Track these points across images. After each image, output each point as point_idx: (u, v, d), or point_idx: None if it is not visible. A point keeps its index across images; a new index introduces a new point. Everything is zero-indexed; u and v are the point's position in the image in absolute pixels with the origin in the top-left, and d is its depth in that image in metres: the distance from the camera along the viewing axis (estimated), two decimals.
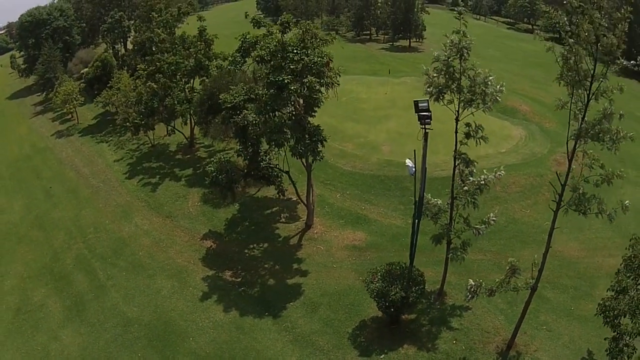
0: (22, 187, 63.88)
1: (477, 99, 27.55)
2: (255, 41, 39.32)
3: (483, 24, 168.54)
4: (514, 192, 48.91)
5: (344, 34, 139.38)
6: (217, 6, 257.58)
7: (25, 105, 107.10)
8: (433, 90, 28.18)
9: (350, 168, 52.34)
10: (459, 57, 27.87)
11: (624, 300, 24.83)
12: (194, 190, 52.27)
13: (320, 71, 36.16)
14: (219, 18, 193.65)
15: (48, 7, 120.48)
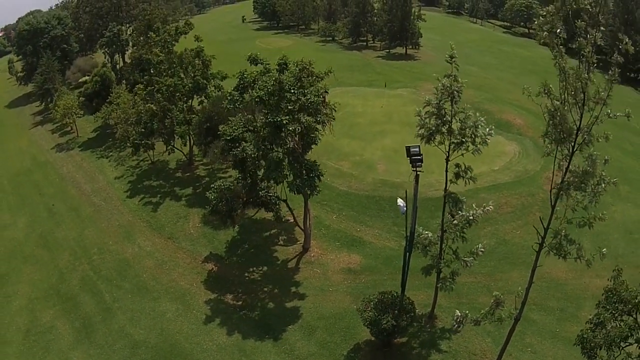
0: (25, 203, 65.96)
1: (467, 142, 29.56)
2: (253, 80, 41.06)
3: (480, 28, 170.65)
4: (505, 212, 51.12)
5: (341, 40, 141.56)
6: (214, 9, 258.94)
7: (25, 115, 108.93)
8: (424, 132, 30.20)
9: (346, 188, 54.58)
10: (450, 100, 29.80)
11: (601, 333, 26.88)
12: (194, 210, 54.47)
13: (316, 109, 38.02)
14: (216, 22, 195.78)
15: (46, 16, 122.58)
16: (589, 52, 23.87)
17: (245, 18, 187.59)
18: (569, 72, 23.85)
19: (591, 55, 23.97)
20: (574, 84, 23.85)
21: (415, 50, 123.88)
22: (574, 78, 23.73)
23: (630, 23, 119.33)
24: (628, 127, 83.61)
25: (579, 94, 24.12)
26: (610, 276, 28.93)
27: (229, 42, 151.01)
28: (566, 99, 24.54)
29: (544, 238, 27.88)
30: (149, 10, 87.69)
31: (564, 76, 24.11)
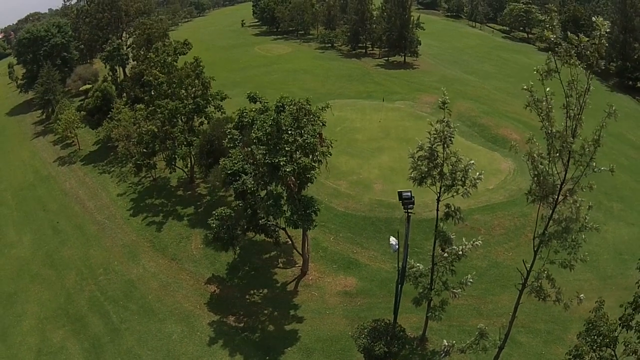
0: (30, 220, 68.55)
1: (457, 184, 32.09)
2: (252, 121, 43.38)
3: (478, 33, 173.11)
4: (498, 234, 53.83)
5: (340, 46, 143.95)
6: (213, 11, 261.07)
7: (26, 124, 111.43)
8: (416, 175, 32.69)
9: (343, 209, 57.28)
10: (442, 145, 32.23)
11: None
12: (196, 231, 57.20)
13: (313, 149, 40.48)
14: (215, 26, 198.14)
15: (46, 24, 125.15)
16: (576, 113, 25.95)
17: (244, 22, 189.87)
18: (555, 135, 26.04)
19: (579, 114, 26.03)
20: (559, 146, 25.98)
21: (414, 58, 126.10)
22: (560, 142, 25.90)
23: (629, 30, 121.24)
24: (625, 139, 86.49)
25: (564, 154, 26.33)
26: (592, 308, 31.23)
27: (229, 48, 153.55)
28: (552, 157, 26.78)
29: (526, 279, 30.54)
30: (148, 24, 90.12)
31: (550, 140, 26.29)
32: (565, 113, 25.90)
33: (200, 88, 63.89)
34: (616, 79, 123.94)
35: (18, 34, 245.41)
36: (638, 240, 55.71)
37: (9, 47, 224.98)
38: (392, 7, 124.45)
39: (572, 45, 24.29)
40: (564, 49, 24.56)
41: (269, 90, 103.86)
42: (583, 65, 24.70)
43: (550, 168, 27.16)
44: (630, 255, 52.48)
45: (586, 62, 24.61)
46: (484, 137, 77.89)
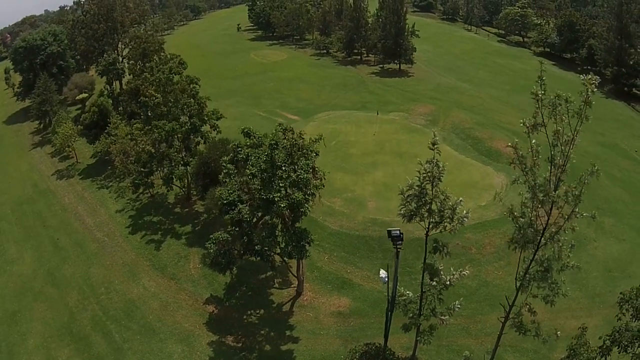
0: (30, 236, 70.71)
1: (445, 221, 34.25)
2: (246, 157, 45.36)
3: (474, 37, 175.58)
4: (488, 253, 56.04)
5: (335, 52, 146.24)
6: (209, 14, 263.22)
7: (23, 134, 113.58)
8: (405, 213, 34.84)
9: (338, 227, 59.65)
10: (431, 183, 34.31)
11: None
12: (194, 250, 59.55)
13: (306, 184, 42.58)
14: (211, 30, 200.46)
15: (41, 32, 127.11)
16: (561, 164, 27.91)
17: (240, 27, 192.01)
18: (538, 188, 28.18)
19: (564, 165, 27.95)
20: (542, 197, 28.17)
21: (409, 66, 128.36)
22: (542, 194, 28.10)
23: (625, 36, 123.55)
24: (618, 149, 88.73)
25: (546, 205, 28.54)
26: (575, 335, 33.28)
27: (225, 54, 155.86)
28: (534, 206, 28.96)
29: (508, 313, 32.89)
30: (144, 38, 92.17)
31: (533, 193, 28.40)
32: (549, 165, 27.90)
33: (195, 108, 65.75)
34: (612, 85, 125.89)
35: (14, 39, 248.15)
36: (628, 256, 57.83)
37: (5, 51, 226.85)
38: (387, 15, 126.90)
39: (561, 101, 25.97)
40: (552, 103, 26.28)
41: (265, 100, 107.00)
42: (571, 117, 26.34)
43: (533, 216, 29.12)
44: (619, 272, 54.87)
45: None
46: (478, 150, 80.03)
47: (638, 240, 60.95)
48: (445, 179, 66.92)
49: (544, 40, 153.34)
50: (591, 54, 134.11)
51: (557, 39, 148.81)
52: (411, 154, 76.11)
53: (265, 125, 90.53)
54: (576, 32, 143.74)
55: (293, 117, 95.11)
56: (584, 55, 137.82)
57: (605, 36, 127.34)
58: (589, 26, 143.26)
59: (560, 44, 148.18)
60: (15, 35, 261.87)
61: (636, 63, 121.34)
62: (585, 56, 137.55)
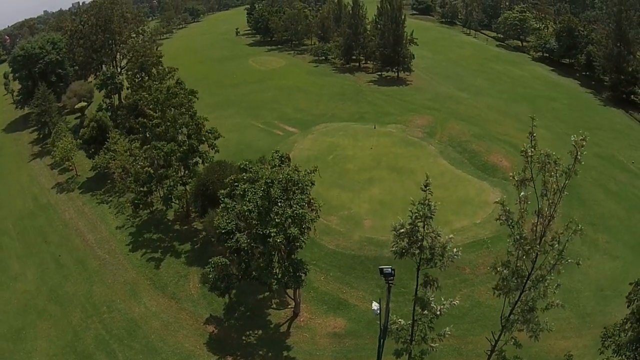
0: (32, 252, 72.92)
1: (436, 258, 36.36)
2: (243, 193, 47.06)
3: (473, 41, 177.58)
4: (482, 273, 57.87)
5: (334, 59, 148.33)
6: (208, 16, 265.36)
7: (23, 143, 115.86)
8: (397, 250, 36.96)
9: (334, 247, 61.97)
10: (423, 222, 36.38)
11: None
12: (194, 269, 61.84)
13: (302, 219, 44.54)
14: (210, 34, 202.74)
15: (40, 40, 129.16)
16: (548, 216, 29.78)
17: (238, 31, 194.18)
18: (523, 242, 30.34)
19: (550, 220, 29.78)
20: (527, 249, 30.34)
21: (407, 74, 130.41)
22: (527, 247, 30.27)
23: (624, 43, 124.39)
24: (615, 161, 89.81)
25: (531, 256, 30.69)
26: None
27: (223, 60, 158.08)
28: (519, 256, 31.11)
29: (494, 347, 35.09)
30: (141, 52, 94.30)
31: (519, 244, 30.54)
32: (537, 216, 29.73)
33: (193, 127, 67.75)
34: (610, 92, 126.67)
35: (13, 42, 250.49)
36: (621, 274, 59.08)
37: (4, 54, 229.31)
38: (386, 23, 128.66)
39: (550, 160, 28.01)
40: (542, 161, 28.33)
41: (263, 111, 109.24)
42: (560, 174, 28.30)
43: (519, 265, 31.21)
44: (611, 291, 56.53)
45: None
46: (474, 164, 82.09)
47: (631, 257, 62.69)
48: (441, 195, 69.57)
49: (543, 45, 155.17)
50: (590, 60, 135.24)
51: (555, 45, 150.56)
52: (408, 170, 78.52)
53: (263, 138, 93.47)
54: (575, 38, 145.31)
55: (291, 129, 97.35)
56: (583, 61, 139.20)
57: (604, 43, 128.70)
58: (588, 32, 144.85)
59: (559, 49, 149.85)
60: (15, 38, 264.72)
61: (635, 70, 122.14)
62: (584, 63, 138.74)
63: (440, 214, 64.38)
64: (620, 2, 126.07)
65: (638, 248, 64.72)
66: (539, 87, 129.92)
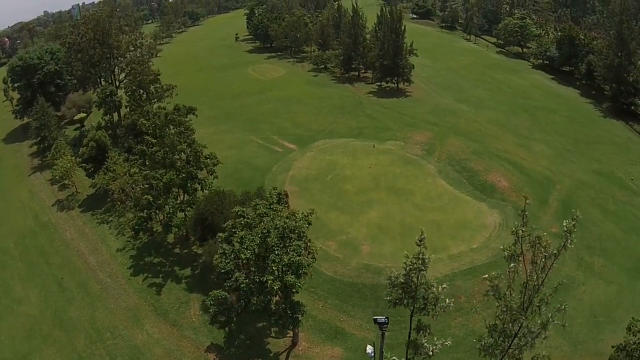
0: (34, 274, 75.21)
1: (428, 307, 38.69)
2: (241, 240, 49.27)
3: (473, 48, 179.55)
4: (477, 301, 59.59)
5: (333, 68, 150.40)
6: (208, 19, 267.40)
7: (22, 156, 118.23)
8: (392, 299, 39.29)
9: (332, 273, 64.22)
10: (417, 275, 38.68)
11: None
12: (194, 296, 64.13)
13: (299, 267, 46.71)
14: (210, 39, 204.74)
15: (38, 51, 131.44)
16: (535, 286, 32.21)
17: (238, 37, 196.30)
18: (509, 312, 32.65)
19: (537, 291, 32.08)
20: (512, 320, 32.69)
21: (407, 84, 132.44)
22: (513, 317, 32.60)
23: (625, 54, 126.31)
24: (614, 178, 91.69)
25: (515, 326, 32.99)
26: None
27: (222, 68, 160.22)
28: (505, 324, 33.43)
29: None
30: (139, 69, 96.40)
31: (506, 313, 32.89)
32: (524, 287, 31.81)
33: (192, 155, 69.84)
34: (610, 103, 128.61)
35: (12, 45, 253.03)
36: (615, 300, 61.57)
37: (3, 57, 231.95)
38: (386, 34, 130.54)
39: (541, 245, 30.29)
40: (532, 241, 30.64)
41: (262, 125, 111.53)
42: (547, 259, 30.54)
43: (505, 328, 33.55)
44: (605, 317, 58.72)
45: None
46: (473, 184, 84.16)
47: (626, 282, 64.78)
48: (439, 219, 72.25)
49: (543, 53, 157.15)
50: (590, 70, 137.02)
51: (556, 53, 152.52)
52: (406, 191, 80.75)
53: (262, 155, 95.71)
54: (576, 47, 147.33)
55: (290, 146, 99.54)
56: (583, 71, 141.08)
57: (605, 53, 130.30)
58: (589, 41, 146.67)
59: (559, 58, 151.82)
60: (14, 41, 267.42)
61: (635, 81, 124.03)
62: (585, 72, 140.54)
63: (438, 239, 67.86)
64: (621, 12, 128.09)
65: (634, 271, 66.72)
66: (539, 98, 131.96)
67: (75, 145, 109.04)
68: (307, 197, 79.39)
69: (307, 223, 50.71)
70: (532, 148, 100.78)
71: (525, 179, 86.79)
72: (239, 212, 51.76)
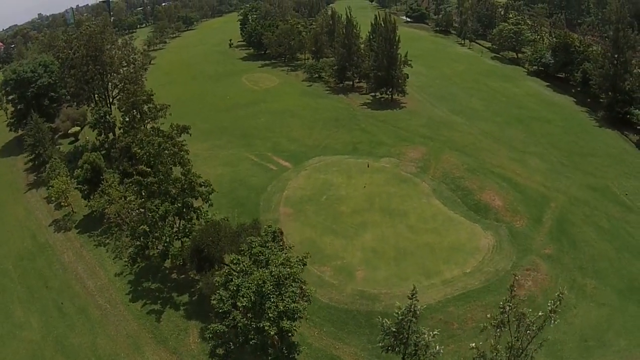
0: (34, 298, 77.45)
1: (419, 353, 41.57)
2: (237, 288, 51.49)
3: (468, 53, 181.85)
4: (469, 328, 61.90)
5: (327, 78, 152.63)
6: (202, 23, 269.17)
7: (18, 170, 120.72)
8: (384, 345, 42.17)
9: (327, 300, 66.71)
10: (408, 326, 41.59)
11: None
12: (193, 323, 66.50)
13: (294, 313, 49.17)
14: (204, 45, 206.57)
15: (32, 64, 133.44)
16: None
17: (232, 43, 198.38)
18: None
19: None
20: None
21: (401, 95, 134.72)
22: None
23: (620, 63, 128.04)
24: (608, 194, 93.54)
25: None
26: None
27: (216, 77, 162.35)
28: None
29: None
30: (132, 90, 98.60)
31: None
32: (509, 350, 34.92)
33: (187, 184, 72.16)
34: (605, 112, 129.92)
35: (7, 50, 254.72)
36: (606, 323, 63.43)
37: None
38: (380, 45, 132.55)
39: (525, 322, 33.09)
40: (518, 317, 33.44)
41: (256, 140, 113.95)
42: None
43: None
44: (595, 341, 60.77)
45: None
46: (467, 203, 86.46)
47: (618, 303, 66.64)
48: (433, 241, 74.97)
49: (538, 59, 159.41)
50: (586, 78, 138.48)
51: (551, 60, 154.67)
52: (400, 212, 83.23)
53: (257, 174, 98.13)
54: (571, 54, 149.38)
55: (284, 164, 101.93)
56: (579, 79, 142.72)
57: (601, 62, 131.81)
58: (584, 48, 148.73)
59: (554, 64, 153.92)
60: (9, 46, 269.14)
61: (631, 89, 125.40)
62: (580, 80, 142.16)
63: (432, 264, 70.66)
64: (617, 20, 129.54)
65: (626, 292, 68.73)
66: (534, 107, 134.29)
67: (70, 161, 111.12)
68: (302, 220, 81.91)
69: (302, 264, 53.04)
70: (526, 162, 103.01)
71: (520, 197, 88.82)
72: (234, 259, 54.11)
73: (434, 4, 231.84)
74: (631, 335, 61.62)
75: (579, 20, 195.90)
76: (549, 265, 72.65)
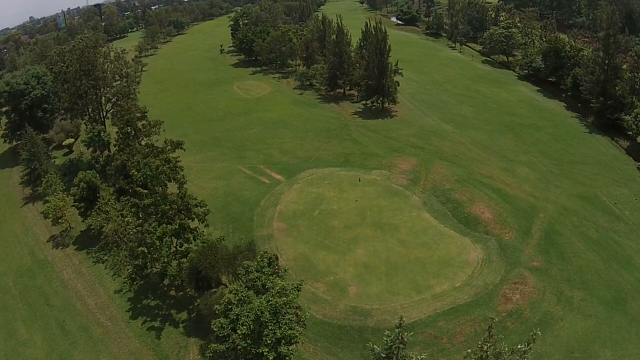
0: (37, 316, 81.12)
1: None
2: (236, 317, 55.25)
3: (458, 57, 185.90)
4: (458, 342, 65.98)
5: (319, 85, 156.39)
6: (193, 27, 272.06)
7: (13, 183, 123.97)
8: None
9: (321, 316, 70.86)
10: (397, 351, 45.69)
11: None
12: (192, 340, 70.50)
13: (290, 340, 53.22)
14: (195, 50, 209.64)
15: (25, 76, 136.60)
16: None
17: (223, 49, 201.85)
18: None
19: None
20: None
21: (392, 104, 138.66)
22: None
23: (611, 68, 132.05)
24: (597, 202, 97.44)
25: None
26: None
27: (207, 85, 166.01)
28: None
29: None
30: (126, 108, 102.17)
31: None
32: None
33: (183, 206, 76.10)
34: (595, 117, 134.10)
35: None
36: (592, 334, 66.85)
37: None
38: (371, 54, 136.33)
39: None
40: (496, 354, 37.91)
41: (249, 152, 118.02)
42: None
43: None
44: (581, 352, 64.23)
45: None
46: (457, 216, 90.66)
47: (604, 314, 70.11)
48: (423, 255, 79.31)
49: (529, 64, 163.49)
50: (576, 83, 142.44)
51: (542, 64, 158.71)
52: (391, 226, 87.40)
53: (250, 187, 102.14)
54: (561, 59, 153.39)
55: (277, 177, 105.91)
56: (569, 84, 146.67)
57: (591, 68, 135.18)
58: (575, 52, 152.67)
59: (545, 69, 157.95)
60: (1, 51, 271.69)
61: (621, 95, 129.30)
62: (570, 85, 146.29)
63: (422, 278, 75.05)
64: (608, 25, 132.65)
65: (612, 303, 72.19)
66: (524, 114, 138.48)
67: (65, 174, 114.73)
68: (295, 235, 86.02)
69: (297, 290, 57.23)
70: (516, 172, 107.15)
71: (509, 209, 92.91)
72: (232, 290, 58.06)
73: (424, 6, 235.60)
74: (617, 346, 65.03)
75: (570, 21, 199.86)
76: (536, 278, 76.56)
